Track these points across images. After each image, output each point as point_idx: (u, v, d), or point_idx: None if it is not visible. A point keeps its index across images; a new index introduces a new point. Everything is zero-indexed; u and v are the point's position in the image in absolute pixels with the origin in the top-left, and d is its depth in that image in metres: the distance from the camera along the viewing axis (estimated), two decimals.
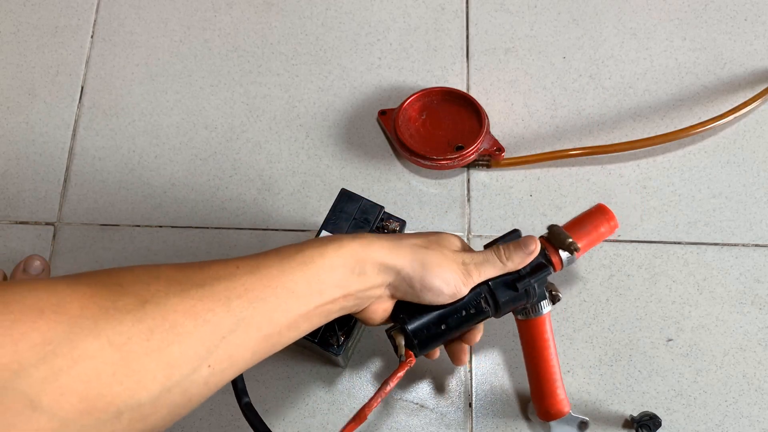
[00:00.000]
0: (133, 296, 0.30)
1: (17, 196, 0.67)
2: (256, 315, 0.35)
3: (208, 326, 0.32)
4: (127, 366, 0.28)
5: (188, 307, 0.31)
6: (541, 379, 0.54)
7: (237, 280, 0.34)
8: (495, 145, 0.66)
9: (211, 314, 0.32)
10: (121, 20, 0.74)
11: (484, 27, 0.73)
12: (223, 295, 0.33)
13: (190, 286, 0.32)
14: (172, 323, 0.30)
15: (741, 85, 0.70)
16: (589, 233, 0.51)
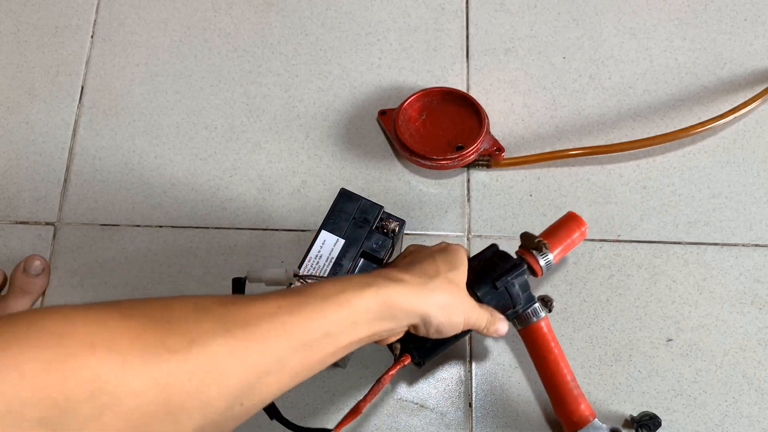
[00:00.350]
0: (181, 336, 0.30)
1: (17, 196, 0.67)
2: (294, 356, 0.36)
3: (246, 367, 0.33)
4: (167, 405, 0.29)
5: (231, 348, 0.32)
6: (553, 388, 0.54)
7: (278, 319, 0.35)
8: (495, 145, 0.66)
9: (251, 355, 0.33)
10: (121, 20, 0.74)
11: (484, 27, 0.73)
12: (264, 336, 0.34)
13: (233, 325, 0.33)
14: (214, 364, 0.31)
15: (741, 85, 0.70)
16: (561, 239, 0.54)
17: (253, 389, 0.33)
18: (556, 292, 0.62)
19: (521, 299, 0.51)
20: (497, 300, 0.51)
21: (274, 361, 0.34)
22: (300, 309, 0.37)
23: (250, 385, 0.33)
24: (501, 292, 0.51)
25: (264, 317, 0.34)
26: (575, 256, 0.63)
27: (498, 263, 0.52)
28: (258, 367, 0.33)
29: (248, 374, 0.33)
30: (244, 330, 0.33)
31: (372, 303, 0.40)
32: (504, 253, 0.53)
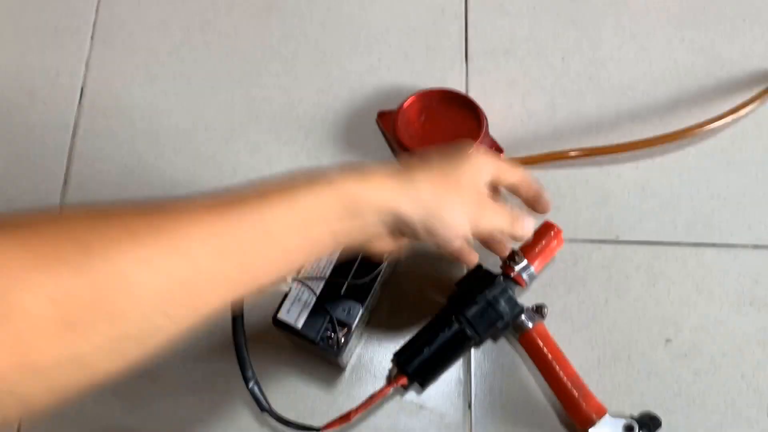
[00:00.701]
0: (78, 245, 0.28)
1: (17, 197, 0.67)
2: (226, 262, 0.32)
3: (160, 276, 0.30)
4: (65, 320, 0.27)
5: (138, 256, 0.29)
6: (556, 391, 0.56)
7: (202, 222, 0.31)
8: (494, 147, 0.66)
9: (165, 263, 0.30)
10: (121, 22, 0.75)
11: (483, 29, 0.73)
12: (180, 242, 0.30)
13: (144, 231, 0.30)
14: (118, 274, 0.28)
15: (739, 86, 0.70)
16: (535, 246, 0.58)
17: (176, 300, 0.30)
18: (555, 293, 0.62)
19: (507, 311, 0.55)
20: (484, 315, 0.54)
21: (198, 268, 0.31)
22: (231, 208, 0.33)
23: (170, 295, 0.30)
24: (485, 307, 0.54)
25: (182, 221, 0.31)
26: (573, 257, 0.63)
27: (480, 281, 0.55)
28: (176, 275, 0.30)
29: (165, 284, 0.30)
30: (157, 236, 0.30)
31: (326, 197, 0.35)
32: (486, 271, 0.57)
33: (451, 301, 0.56)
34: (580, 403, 0.54)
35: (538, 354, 0.56)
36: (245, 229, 0.33)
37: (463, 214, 0.41)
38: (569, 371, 0.55)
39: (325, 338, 0.52)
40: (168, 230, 0.30)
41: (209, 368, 0.60)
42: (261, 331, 0.61)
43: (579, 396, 0.54)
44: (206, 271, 0.31)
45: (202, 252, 0.31)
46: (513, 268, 0.57)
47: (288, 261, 0.35)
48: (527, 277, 0.57)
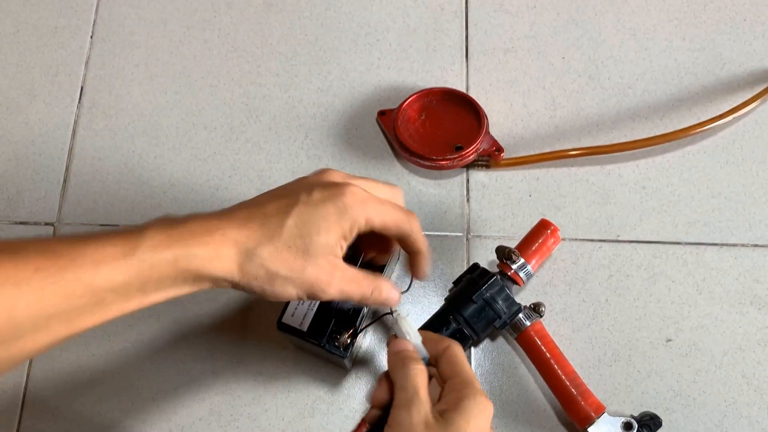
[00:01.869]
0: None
1: (17, 196, 0.67)
2: (48, 315, 0.33)
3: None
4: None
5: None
6: (554, 390, 0.56)
7: (30, 285, 0.33)
8: (494, 146, 0.66)
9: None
10: (120, 20, 0.74)
11: (484, 27, 0.73)
12: (8, 304, 0.32)
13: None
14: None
15: (740, 85, 0.70)
16: (532, 244, 0.58)
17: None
18: (556, 292, 0.62)
19: (504, 309, 0.55)
20: (482, 315, 0.54)
21: (22, 328, 0.32)
22: (54, 277, 0.33)
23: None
24: (482, 306, 0.54)
25: (9, 282, 0.32)
26: (574, 256, 0.63)
27: (477, 280, 0.55)
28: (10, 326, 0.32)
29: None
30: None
31: (163, 266, 0.36)
32: (483, 270, 0.57)
33: (449, 301, 0.56)
34: (579, 402, 0.54)
35: (536, 353, 0.56)
36: (70, 290, 0.34)
37: (298, 286, 0.40)
38: (567, 369, 0.55)
39: (330, 341, 0.52)
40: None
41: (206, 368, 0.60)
42: (264, 335, 0.61)
43: (577, 394, 0.54)
44: (26, 326, 0.33)
45: (20, 307, 0.32)
46: (510, 266, 0.57)
47: (123, 312, 0.36)
48: (524, 275, 0.57)
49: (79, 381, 0.60)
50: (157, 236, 0.36)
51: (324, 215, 0.40)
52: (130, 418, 0.59)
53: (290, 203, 0.40)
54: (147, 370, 0.60)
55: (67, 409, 0.59)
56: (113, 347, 0.61)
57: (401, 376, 0.42)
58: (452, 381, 0.44)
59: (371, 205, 0.41)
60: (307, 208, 0.40)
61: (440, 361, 0.45)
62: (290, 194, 0.41)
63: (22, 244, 0.34)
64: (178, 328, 0.61)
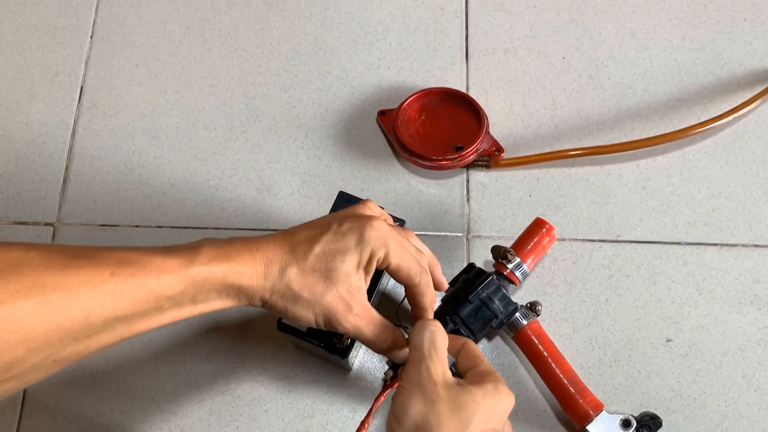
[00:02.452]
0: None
1: (17, 196, 0.67)
2: (112, 318, 0.36)
3: (53, 326, 0.34)
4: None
5: (40, 310, 0.33)
6: (552, 388, 0.56)
7: (99, 284, 0.35)
8: (494, 146, 0.66)
9: (61, 315, 0.34)
10: (120, 20, 0.74)
11: (484, 27, 0.73)
12: (77, 298, 0.35)
13: (51, 287, 0.34)
14: (17, 322, 0.32)
15: (740, 85, 0.70)
16: (527, 244, 0.58)
17: (64, 346, 0.35)
18: (556, 292, 0.62)
19: (501, 309, 0.54)
20: (478, 315, 0.54)
21: (89, 322, 0.35)
22: (133, 280, 0.36)
23: (60, 343, 0.34)
24: (479, 306, 0.54)
25: (84, 285, 0.35)
26: (574, 256, 0.63)
27: (473, 281, 0.55)
28: (68, 327, 0.34)
29: (61, 337, 0.34)
30: (58, 291, 0.34)
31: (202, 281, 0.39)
32: (480, 270, 0.56)
33: (445, 302, 0.56)
34: (577, 399, 0.54)
35: (534, 351, 0.56)
36: (137, 295, 0.37)
37: (315, 313, 0.42)
38: (565, 368, 0.55)
39: (331, 341, 0.52)
40: (68, 287, 0.34)
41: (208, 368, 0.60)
42: (264, 335, 0.61)
43: (575, 392, 0.55)
44: (98, 325, 0.36)
45: (95, 308, 0.35)
46: (506, 266, 0.57)
47: (174, 319, 0.40)
48: (520, 274, 0.57)
49: (79, 381, 0.60)
50: (211, 252, 0.40)
51: (347, 244, 0.42)
52: (130, 419, 0.59)
53: (321, 232, 0.43)
54: (147, 370, 0.60)
55: (67, 409, 0.59)
56: (113, 347, 0.61)
57: (419, 334, 0.42)
58: (473, 371, 0.43)
59: (392, 242, 0.43)
60: (335, 237, 0.43)
61: (459, 357, 0.44)
62: (324, 224, 0.44)
63: (99, 250, 0.37)
64: (179, 329, 0.61)
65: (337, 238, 0.42)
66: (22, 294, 0.33)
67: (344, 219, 0.44)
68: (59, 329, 0.34)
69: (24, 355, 0.33)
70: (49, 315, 0.33)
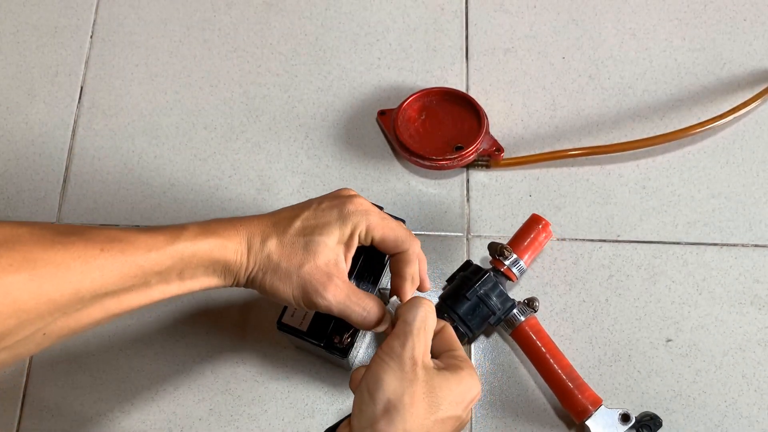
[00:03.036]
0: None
1: (17, 196, 0.67)
2: (101, 294, 0.37)
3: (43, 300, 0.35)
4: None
5: (30, 284, 0.34)
6: (551, 384, 0.56)
7: (89, 258, 0.36)
8: (494, 146, 0.66)
9: (52, 289, 0.35)
10: (120, 20, 0.74)
11: (484, 27, 0.73)
12: (68, 273, 0.35)
13: (42, 262, 0.34)
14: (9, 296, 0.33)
15: (740, 85, 0.70)
16: (523, 240, 0.58)
17: (54, 320, 0.35)
18: (556, 292, 0.62)
19: (498, 305, 0.55)
20: (476, 312, 0.54)
21: (79, 296, 0.36)
22: (120, 246, 0.37)
23: (50, 317, 0.35)
24: (477, 303, 0.54)
25: (75, 251, 0.36)
26: (574, 256, 0.63)
27: (470, 277, 0.55)
28: (58, 301, 0.35)
29: (52, 310, 0.35)
30: (49, 267, 0.35)
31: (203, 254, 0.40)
32: (477, 267, 0.57)
33: (443, 299, 0.56)
34: (575, 395, 0.54)
35: (532, 347, 0.56)
36: (125, 270, 0.38)
37: (292, 286, 0.43)
38: (563, 363, 0.56)
39: (330, 341, 0.52)
40: (59, 262, 0.35)
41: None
42: (264, 335, 0.61)
43: (574, 387, 0.55)
44: (87, 299, 0.36)
45: (85, 283, 0.36)
46: (503, 262, 0.57)
47: (163, 296, 0.40)
48: (517, 271, 0.57)
49: (79, 381, 0.60)
50: (196, 230, 0.41)
51: (327, 219, 0.44)
52: (130, 418, 0.59)
53: (302, 208, 0.45)
54: (147, 371, 0.60)
55: (67, 409, 0.59)
56: (113, 348, 0.61)
57: (412, 311, 0.40)
58: (448, 353, 0.42)
59: (373, 216, 0.44)
60: (314, 213, 0.44)
61: (436, 339, 0.43)
62: (305, 204, 0.46)
63: (88, 228, 0.38)
64: (179, 329, 0.61)
65: (317, 214, 0.44)
66: (14, 268, 0.33)
67: (325, 198, 0.46)
68: (50, 302, 0.35)
69: (15, 327, 0.34)
70: (40, 288, 0.34)
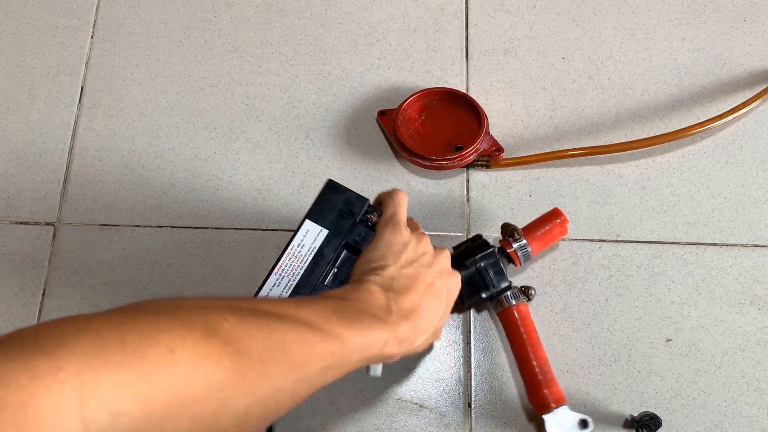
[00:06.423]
0: (149, 355, 0.31)
1: (17, 196, 0.67)
2: (297, 386, 0.38)
3: (252, 397, 0.35)
4: (151, 419, 0.30)
5: (232, 375, 0.33)
6: (522, 372, 0.56)
7: (291, 352, 0.37)
8: (494, 146, 0.66)
9: (253, 386, 0.35)
10: (120, 21, 0.74)
11: (484, 28, 0.73)
12: (271, 369, 0.36)
13: (249, 352, 0.34)
14: (209, 389, 0.32)
15: (740, 85, 0.70)
16: (538, 229, 0.58)
17: (284, 412, 0.36)
18: (556, 292, 0.62)
19: (494, 283, 0.56)
20: (471, 281, 0.55)
21: (309, 392, 0.37)
22: (342, 358, 0.40)
23: (285, 411, 0.36)
24: (474, 273, 0.56)
25: (319, 362, 0.38)
26: (574, 256, 0.63)
27: (474, 248, 0.56)
28: (299, 398, 0.37)
29: (291, 404, 0.36)
30: (301, 371, 0.36)
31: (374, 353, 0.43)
32: (485, 241, 0.57)
33: None
34: (542, 388, 0.55)
35: (514, 333, 0.57)
36: (337, 370, 0.41)
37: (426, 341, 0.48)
38: (539, 355, 0.56)
39: None
40: (310, 365, 0.37)
41: None
42: None
43: (543, 380, 0.55)
44: (314, 387, 0.39)
45: (286, 379, 0.36)
46: (511, 244, 0.57)
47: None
48: (522, 256, 0.57)
49: None
50: (392, 341, 0.44)
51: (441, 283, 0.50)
52: None
53: (421, 282, 0.48)
54: None
55: None
56: None
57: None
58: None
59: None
60: (432, 290, 0.49)
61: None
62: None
63: (324, 325, 0.39)
64: None
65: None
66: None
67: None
68: (295, 398, 0.37)
69: (267, 421, 0.35)
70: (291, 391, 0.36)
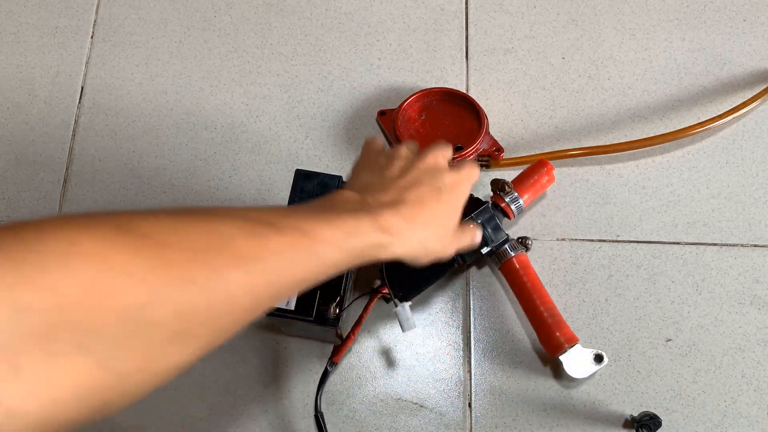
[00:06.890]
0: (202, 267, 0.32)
1: (17, 196, 0.67)
2: (293, 288, 0.38)
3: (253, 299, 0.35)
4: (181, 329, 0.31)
5: (244, 283, 0.34)
6: (531, 319, 0.57)
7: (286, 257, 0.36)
8: (494, 146, 0.66)
9: (260, 289, 0.35)
10: (120, 21, 0.74)
11: (484, 28, 0.73)
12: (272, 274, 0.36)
13: (249, 261, 0.34)
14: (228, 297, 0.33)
15: (740, 85, 0.70)
16: (526, 179, 0.60)
17: (254, 315, 0.36)
18: (556, 292, 0.62)
19: (492, 237, 0.57)
20: None
21: (276, 292, 0.36)
22: (310, 250, 0.38)
23: (254, 313, 0.35)
24: None
25: (275, 254, 0.36)
26: (574, 256, 0.63)
27: (469, 206, 0.57)
28: (263, 298, 0.35)
29: (255, 305, 0.35)
30: (256, 266, 0.35)
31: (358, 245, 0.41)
32: (477, 198, 0.59)
33: None
34: (553, 331, 0.56)
35: (517, 282, 0.57)
36: (312, 264, 0.38)
37: (441, 247, 0.46)
38: (545, 300, 0.57)
39: (320, 313, 0.52)
40: (264, 261, 0.35)
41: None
42: (264, 335, 0.61)
43: (552, 324, 0.56)
44: (279, 294, 0.37)
45: (282, 282, 0.36)
46: (503, 198, 0.58)
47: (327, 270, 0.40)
48: (515, 208, 0.59)
49: None
50: (369, 226, 0.41)
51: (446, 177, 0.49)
52: (130, 419, 0.59)
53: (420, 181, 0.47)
54: None
55: None
56: None
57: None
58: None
59: None
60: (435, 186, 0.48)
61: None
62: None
63: (277, 217, 0.38)
64: None
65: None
66: (230, 266, 0.34)
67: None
68: (255, 298, 0.35)
69: (229, 325, 0.34)
70: (252, 286, 0.34)
